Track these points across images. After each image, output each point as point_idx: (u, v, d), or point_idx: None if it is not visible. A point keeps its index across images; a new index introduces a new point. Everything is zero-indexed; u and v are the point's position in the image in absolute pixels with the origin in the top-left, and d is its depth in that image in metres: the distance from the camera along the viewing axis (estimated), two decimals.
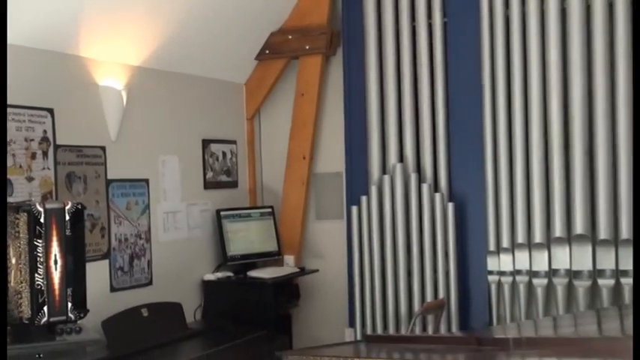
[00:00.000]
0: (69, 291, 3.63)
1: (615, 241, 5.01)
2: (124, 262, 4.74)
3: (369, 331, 5.50)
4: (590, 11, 5.07)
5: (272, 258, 5.90)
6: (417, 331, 5.21)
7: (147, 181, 4.97)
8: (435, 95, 5.49)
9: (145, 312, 4.62)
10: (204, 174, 5.63)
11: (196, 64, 5.44)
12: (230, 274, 5.58)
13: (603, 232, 5.01)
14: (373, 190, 5.53)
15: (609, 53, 5.05)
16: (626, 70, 5.03)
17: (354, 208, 5.59)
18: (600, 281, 5.05)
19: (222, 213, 5.58)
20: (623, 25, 5.01)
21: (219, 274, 5.54)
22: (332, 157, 6.02)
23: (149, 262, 4.95)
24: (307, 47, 5.87)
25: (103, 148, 4.58)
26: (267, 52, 5.95)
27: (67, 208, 3.63)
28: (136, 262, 4.84)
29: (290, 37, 5.88)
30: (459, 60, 5.45)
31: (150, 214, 4.98)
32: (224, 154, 5.85)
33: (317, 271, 5.98)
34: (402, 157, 5.56)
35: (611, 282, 5.02)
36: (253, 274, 5.53)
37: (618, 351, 2.68)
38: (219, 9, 5.15)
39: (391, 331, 5.49)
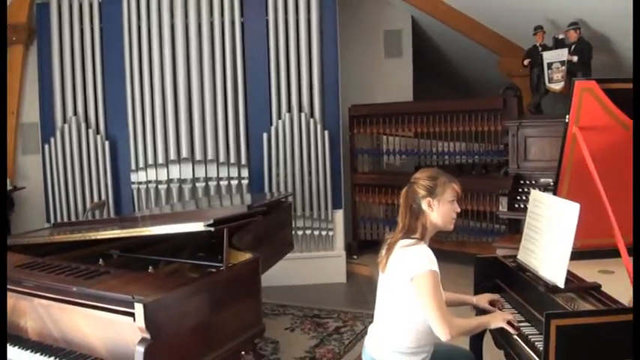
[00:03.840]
0: None
1: (205, 160, 5.85)
2: None
3: None
4: (187, 28, 5.80)
5: None
6: None
7: None
8: (96, 70, 5.84)
9: None
10: None
11: None
12: None
13: (198, 156, 5.85)
14: (58, 134, 5.81)
15: (199, 53, 5.80)
16: (209, 54, 5.83)
17: (46, 146, 5.86)
18: (197, 184, 5.87)
19: None
20: (219, 37, 5.82)
21: None
22: (31, 112, 6.21)
23: None
24: (14, 39, 6.07)
25: None
26: None
27: None
28: None
29: None
30: (110, 50, 5.86)
31: None
32: None
33: (24, 187, 6.24)
34: (76, 112, 5.83)
35: (203, 184, 5.87)
36: None
37: (204, 216, 3.04)
38: None
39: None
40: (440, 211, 2.55)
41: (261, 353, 4.30)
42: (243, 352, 3.68)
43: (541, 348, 2.23)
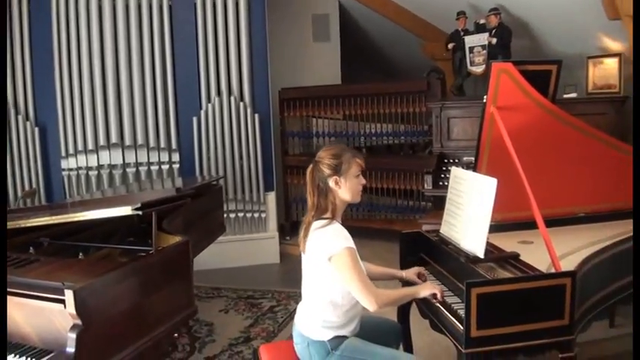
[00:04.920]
0: None
1: (135, 145, 5.70)
2: None
3: None
4: (115, 11, 5.58)
5: None
6: None
7: None
8: (24, 56, 5.51)
9: None
10: None
11: None
12: None
13: (128, 141, 5.69)
14: None
15: (127, 37, 5.61)
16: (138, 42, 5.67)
17: None
18: (128, 170, 5.73)
19: None
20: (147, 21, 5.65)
21: None
22: None
23: None
24: None
25: None
26: None
27: None
28: None
29: None
30: (39, 35, 5.55)
31: None
32: None
33: None
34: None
35: (134, 170, 5.72)
36: None
37: (132, 201, 2.97)
38: None
39: None
40: (347, 186, 2.56)
41: (196, 335, 4.28)
42: (176, 334, 3.65)
43: (463, 315, 2.30)
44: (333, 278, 2.50)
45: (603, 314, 2.97)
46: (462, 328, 2.32)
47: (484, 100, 3.05)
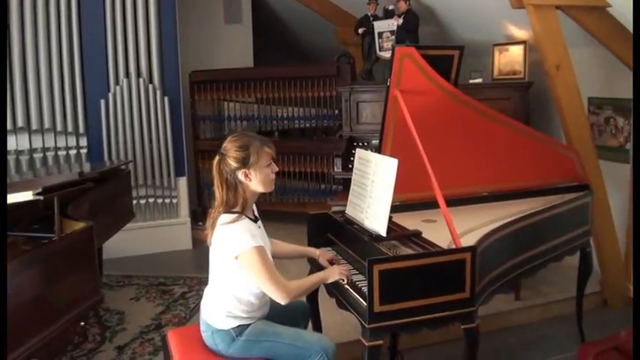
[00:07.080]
0: None
1: (42, 129, 5.44)
2: None
3: None
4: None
5: None
6: None
7: None
8: None
9: None
10: None
11: None
12: None
13: (34, 125, 5.41)
14: None
15: (33, 16, 5.30)
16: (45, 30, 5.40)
17: None
18: (35, 155, 5.40)
19: None
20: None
21: None
22: None
23: None
24: None
25: None
26: None
27: None
28: None
29: None
30: None
31: None
32: None
33: None
34: None
35: (41, 155, 5.45)
36: None
37: (36, 185, 3.01)
38: None
39: None
40: (258, 178, 2.49)
41: (106, 325, 4.23)
42: (83, 324, 3.59)
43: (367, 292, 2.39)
44: (239, 274, 2.51)
45: (507, 287, 3.14)
46: (365, 304, 2.42)
47: (388, 84, 3.14)
